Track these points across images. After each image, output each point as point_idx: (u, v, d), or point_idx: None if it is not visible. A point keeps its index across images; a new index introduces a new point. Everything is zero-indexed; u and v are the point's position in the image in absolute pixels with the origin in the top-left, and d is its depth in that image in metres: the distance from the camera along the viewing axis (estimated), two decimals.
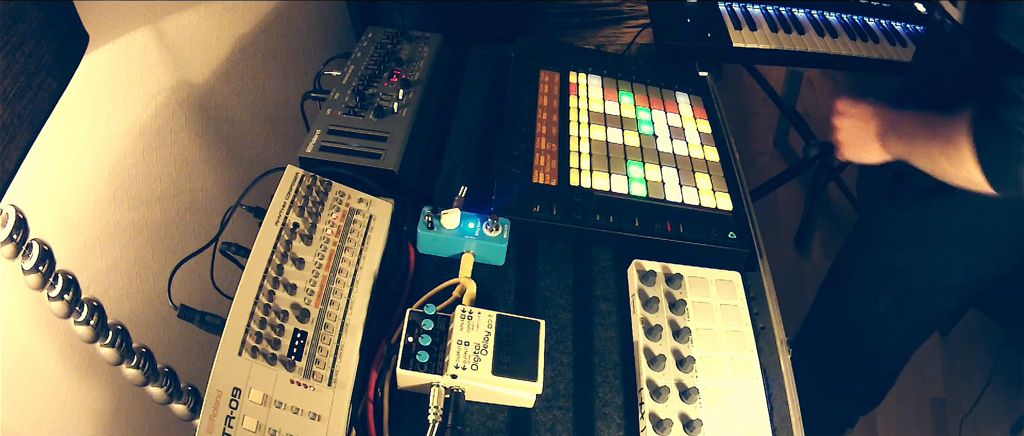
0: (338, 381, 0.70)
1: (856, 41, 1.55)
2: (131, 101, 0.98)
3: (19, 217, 0.54)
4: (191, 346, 1.11)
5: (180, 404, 0.68)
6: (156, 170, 1.06)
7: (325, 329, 0.73)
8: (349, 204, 0.86)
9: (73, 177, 0.89)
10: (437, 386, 0.71)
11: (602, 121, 1.07)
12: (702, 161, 1.05)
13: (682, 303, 0.84)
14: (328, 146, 0.95)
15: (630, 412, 0.76)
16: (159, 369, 0.66)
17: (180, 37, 1.09)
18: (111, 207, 0.96)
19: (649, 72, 1.22)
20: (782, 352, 0.86)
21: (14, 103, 0.53)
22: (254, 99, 1.35)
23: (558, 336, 0.82)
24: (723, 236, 0.93)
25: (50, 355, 0.88)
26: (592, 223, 0.91)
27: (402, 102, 1.04)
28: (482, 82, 1.22)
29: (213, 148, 1.22)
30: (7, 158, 0.53)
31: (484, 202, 0.92)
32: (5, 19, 0.51)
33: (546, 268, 0.90)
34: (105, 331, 0.61)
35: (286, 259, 0.76)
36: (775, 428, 0.77)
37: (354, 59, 1.13)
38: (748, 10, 1.57)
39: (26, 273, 0.55)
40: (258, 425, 0.62)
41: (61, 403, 0.91)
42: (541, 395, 0.75)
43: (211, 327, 0.73)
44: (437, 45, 1.19)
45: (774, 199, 2.27)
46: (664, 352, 0.79)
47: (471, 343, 0.72)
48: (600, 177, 0.97)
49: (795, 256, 2.20)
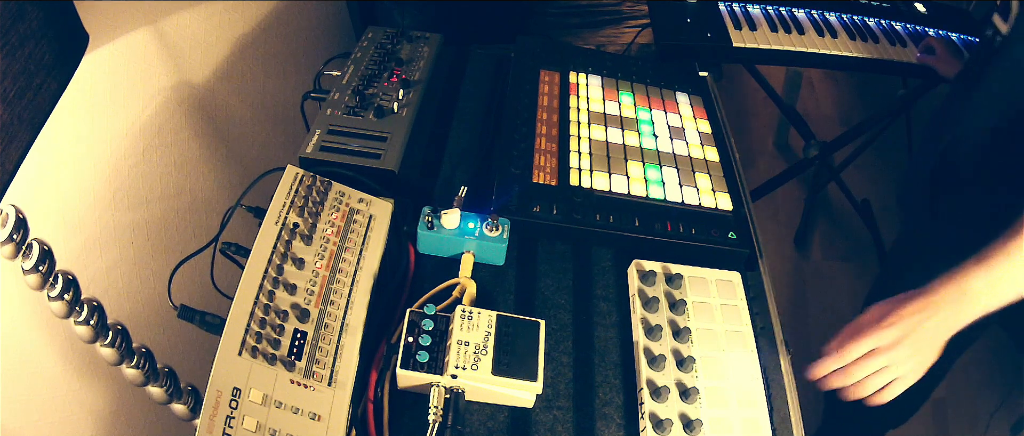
0: (338, 381, 0.70)
1: (856, 41, 1.55)
2: (131, 101, 0.98)
3: (19, 217, 0.54)
4: (191, 346, 1.11)
5: (180, 404, 0.68)
6: (156, 170, 1.06)
7: (325, 329, 0.73)
8: (349, 204, 0.86)
9: (73, 177, 0.89)
10: (437, 386, 0.71)
11: (602, 121, 1.07)
12: (702, 161, 1.05)
13: (682, 303, 0.84)
14: (328, 146, 0.95)
15: (630, 412, 0.76)
16: (159, 369, 0.66)
17: (180, 37, 1.09)
18: (111, 207, 0.96)
19: (649, 72, 1.22)
20: (782, 352, 0.86)
21: (14, 103, 0.53)
22: (254, 99, 1.35)
23: (558, 336, 0.82)
24: (723, 236, 0.93)
25: (50, 355, 0.88)
26: (592, 223, 0.91)
27: (402, 102, 1.04)
28: (482, 82, 1.21)
29: (213, 148, 1.22)
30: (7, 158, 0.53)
31: (484, 202, 0.92)
32: (5, 19, 0.51)
33: (546, 268, 0.90)
34: (105, 331, 0.61)
35: (286, 259, 0.76)
36: (775, 428, 0.77)
37: (354, 59, 1.13)
38: (748, 10, 1.57)
39: (26, 273, 0.55)
40: (258, 425, 0.62)
41: (61, 403, 0.91)
42: (541, 395, 0.75)
43: (211, 327, 0.73)
44: (437, 45, 1.19)
45: (774, 199, 2.27)
46: (664, 352, 0.79)
47: (471, 343, 0.72)
48: (600, 177, 0.97)
49: (795, 256, 2.20)
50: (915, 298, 0.77)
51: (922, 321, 0.76)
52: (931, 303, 0.76)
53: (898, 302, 0.78)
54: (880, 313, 0.78)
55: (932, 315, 0.76)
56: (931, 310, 0.76)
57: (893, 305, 0.78)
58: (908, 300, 0.77)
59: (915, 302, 0.77)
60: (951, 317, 0.76)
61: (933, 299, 0.76)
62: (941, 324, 0.76)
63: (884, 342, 0.76)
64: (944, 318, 0.76)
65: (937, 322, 0.76)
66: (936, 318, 0.76)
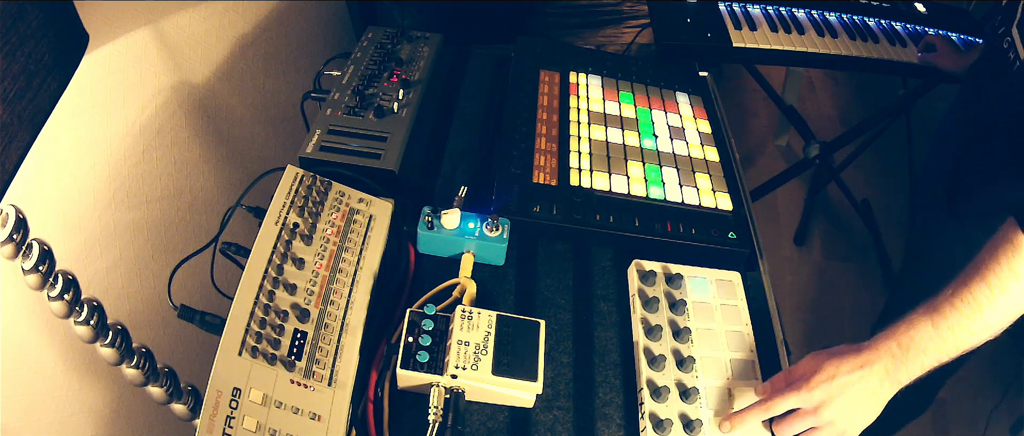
0: (338, 381, 0.70)
1: (856, 41, 1.55)
2: (131, 101, 0.98)
3: (19, 217, 0.53)
4: (191, 346, 1.11)
5: (180, 404, 0.68)
6: (156, 170, 1.06)
7: (325, 329, 0.73)
8: (349, 204, 0.86)
9: (73, 177, 0.89)
10: (437, 386, 0.71)
11: (602, 121, 1.07)
12: (702, 161, 1.05)
13: (682, 303, 0.84)
14: (328, 146, 0.95)
15: (630, 412, 0.76)
16: (159, 369, 0.66)
17: (180, 37, 1.09)
18: (111, 207, 0.96)
19: (649, 72, 1.22)
20: (782, 352, 0.86)
21: (14, 103, 0.53)
22: (254, 99, 1.35)
23: (558, 336, 0.82)
24: (723, 236, 0.93)
25: (50, 355, 0.88)
26: (592, 223, 0.91)
27: (402, 102, 1.04)
28: (482, 82, 1.21)
29: (213, 148, 1.22)
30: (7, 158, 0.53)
31: (484, 202, 0.92)
32: (5, 19, 0.51)
33: (546, 268, 0.90)
34: (105, 331, 0.61)
35: (286, 259, 0.76)
36: None
37: (354, 59, 1.13)
38: (748, 10, 1.57)
39: (26, 273, 0.55)
40: (258, 425, 0.62)
41: (61, 403, 0.91)
42: (541, 395, 0.75)
43: (211, 327, 0.73)
44: (437, 45, 1.19)
45: (774, 199, 2.27)
46: (664, 352, 0.79)
47: (471, 343, 0.72)
48: (600, 177, 0.97)
49: (795, 256, 2.20)
50: (852, 355, 0.73)
51: (858, 380, 0.71)
52: (870, 360, 0.72)
53: (835, 357, 0.73)
54: (813, 367, 0.73)
55: (870, 374, 0.71)
56: (868, 369, 0.71)
57: (828, 361, 0.73)
58: (845, 357, 0.73)
59: (852, 359, 0.72)
60: (895, 371, 0.72)
61: (873, 356, 0.72)
62: (883, 381, 0.72)
63: (809, 404, 0.72)
64: (886, 374, 0.72)
65: (877, 380, 0.72)
66: (875, 377, 0.71)
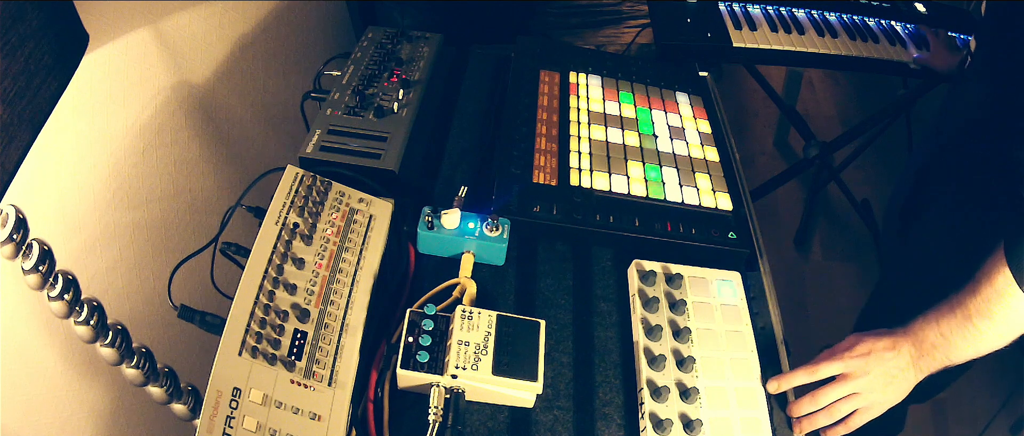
0: (338, 381, 0.70)
1: (856, 41, 1.55)
2: (131, 101, 0.98)
3: (19, 217, 0.54)
4: (191, 346, 1.11)
5: (180, 404, 0.68)
6: (156, 170, 1.06)
7: (325, 329, 0.73)
8: (349, 204, 0.86)
9: (73, 177, 0.89)
10: (437, 386, 0.71)
11: (602, 121, 1.07)
12: (702, 161, 1.05)
13: (682, 303, 0.84)
14: (328, 146, 0.95)
15: (630, 412, 0.76)
16: (159, 369, 0.66)
17: (180, 37, 1.09)
18: (111, 207, 0.96)
19: (649, 72, 1.22)
20: (782, 352, 0.86)
21: (14, 103, 0.53)
22: (254, 99, 1.35)
23: (558, 336, 0.82)
24: (723, 236, 0.93)
25: (50, 355, 0.88)
26: (592, 223, 0.91)
27: (402, 102, 1.04)
28: (482, 82, 1.21)
29: (213, 148, 1.22)
30: (7, 158, 0.53)
31: (484, 202, 0.92)
32: (5, 19, 0.51)
33: (546, 268, 0.90)
34: (105, 331, 0.61)
35: (286, 259, 0.76)
36: (775, 428, 0.77)
37: (354, 59, 1.13)
38: (748, 10, 1.57)
39: (26, 273, 0.55)
40: (258, 425, 0.62)
41: (61, 403, 0.91)
42: (541, 395, 0.75)
43: (211, 327, 0.73)
44: (437, 45, 1.19)
45: (774, 199, 2.27)
46: (664, 352, 0.79)
47: (471, 343, 0.72)
48: (600, 177, 0.97)
49: (795, 256, 2.20)
50: (887, 335, 0.80)
51: (893, 357, 0.78)
52: (898, 343, 0.79)
53: (872, 335, 0.80)
54: (853, 342, 0.80)
55: (898, 356, 0.78)
56: (897, 350, 0.78)
57: (867, 338, 0.80)
58: (881, 336, 0.80)
59: (887, 339, 0.79)
60: (916, 361, 0.78)
61: (899, 340, 0.79)
62: (907, 367, 0.78)
63: (855, 369, 0.78)
64: (910, 361, 0.78)
65: (903, 363, 0.78)
66: (902, 359, 0.78)
